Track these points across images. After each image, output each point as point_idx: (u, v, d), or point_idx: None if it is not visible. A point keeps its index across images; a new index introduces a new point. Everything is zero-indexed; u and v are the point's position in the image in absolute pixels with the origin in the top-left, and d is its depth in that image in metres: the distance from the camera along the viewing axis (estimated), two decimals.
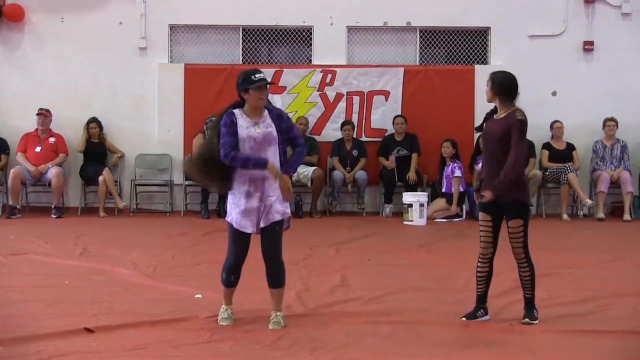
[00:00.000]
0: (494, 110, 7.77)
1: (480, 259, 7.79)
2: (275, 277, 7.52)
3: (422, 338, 7.17)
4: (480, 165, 8.01)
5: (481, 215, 7.75)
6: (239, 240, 7.43)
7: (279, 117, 7.52)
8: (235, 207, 7.39)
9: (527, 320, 7.60)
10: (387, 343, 6.99)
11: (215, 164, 7.38)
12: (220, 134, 7.36)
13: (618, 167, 16.61)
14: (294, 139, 7.60)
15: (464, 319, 7.77)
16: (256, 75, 7.33)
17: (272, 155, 7.38)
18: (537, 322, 7.59)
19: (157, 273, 10.02)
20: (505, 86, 7.67)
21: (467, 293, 8.31)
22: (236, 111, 7.43)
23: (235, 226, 7.39)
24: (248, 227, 7.36)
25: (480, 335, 7.21)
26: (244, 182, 7.35)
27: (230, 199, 7.47)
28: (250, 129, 7.34)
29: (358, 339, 7.07)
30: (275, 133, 7.41)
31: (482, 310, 7.81)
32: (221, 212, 15.88)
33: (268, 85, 7.48)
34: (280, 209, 7.39)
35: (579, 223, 16.06)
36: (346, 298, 8.66)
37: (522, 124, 7.56)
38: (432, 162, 16.51)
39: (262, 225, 7.37)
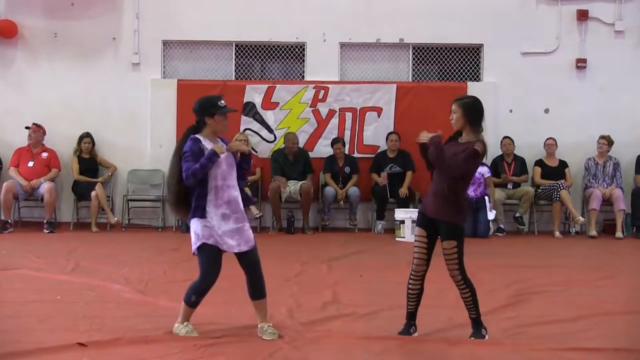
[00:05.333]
0: (459, 134, 7.57)
1: (412, 276, 7.63)
2: (259, 288, 7.53)
3: (414, 355, 7.15)
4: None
5: (417, 230, 7.63)
6: (216, 266, 7.43)
7: (225, 143, 7.60)
8: (217, 230, 7.37)
9: (473, 339, 7.58)
10: None
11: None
12: (184, 157, 7.46)
13: (610, 184, 16.64)
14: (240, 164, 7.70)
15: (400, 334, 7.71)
16: (222, 102, 7.53)
17: (235, 177, 7.53)
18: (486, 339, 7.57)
19: (149, 288, 9.99)
20: (476, 113, 7.46)
21: (459, 310, 8.29)
22: (200, 137, 7.52)
23: (223, 248, 7.40)
24: (234, 247, 7.40)
25: (473, 352, 7.18)
26: (220, 205, 7.38)
27: (201, 224, 7.41)
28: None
29: (349, 355, 7.04)
30: (232, 156, 7.53)
31: (413, 327, 7.73)
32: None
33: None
34: (251, 236, 7.49)
35: (571, 240, 16.07)
36: (338, 314, 8.65)
37: (476, 154, 7.35)
38: (424, 179, 16.47)
39: (244, 248, 7.42)
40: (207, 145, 7.42)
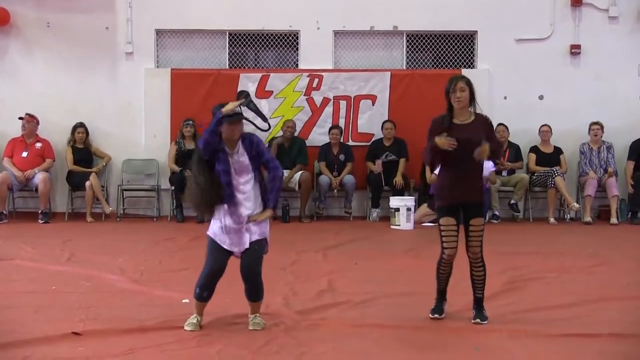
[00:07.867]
0: (446, 117, 7.72)
1: (445, 262, 7.83)
2: (253, 294, 7.54)
3: (410, 342, 7.16)
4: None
5: (445, 220, 7.73)
6: (217, 254, 7.37)
7: (250, 143, 7.44)
8: (218, 222, 7.38)
9: (478, 320, 7.72)
10: (374, 348, 6.98)
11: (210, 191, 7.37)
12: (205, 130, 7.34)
13: (605, 169, 16.62)
14: (266, 163, 7.52)
15: (435, 315, 7.89)
16: (220, 111, 7.25)
17: (247, 182, 7.36)
18: (487, 322, 7.71)
19: (145, 278, 9.99)
20: (474, 91, 7.76)
21: (455, 297, 8.30)
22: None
23: (214, 239, 7.38)
24: (226, 243, 7.34)
25: (469, 339, 7.20)
26: (227, 202, 7.35)
27: (215, 215, 7.45)
28: (230, 158, 7.34)
29: (345, 343, 7.05)
30: (247, 161, 7.38)
31: (445, 301, 8.02)
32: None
33: (242, 120, 7.42)
34: (256, 229, 7.39)
35: (565, 227, 16.09)
36: (333, 303, 8.65)
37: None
38: (419, 167, 16.46)
39: (234, 249, 7.37)
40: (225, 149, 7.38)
